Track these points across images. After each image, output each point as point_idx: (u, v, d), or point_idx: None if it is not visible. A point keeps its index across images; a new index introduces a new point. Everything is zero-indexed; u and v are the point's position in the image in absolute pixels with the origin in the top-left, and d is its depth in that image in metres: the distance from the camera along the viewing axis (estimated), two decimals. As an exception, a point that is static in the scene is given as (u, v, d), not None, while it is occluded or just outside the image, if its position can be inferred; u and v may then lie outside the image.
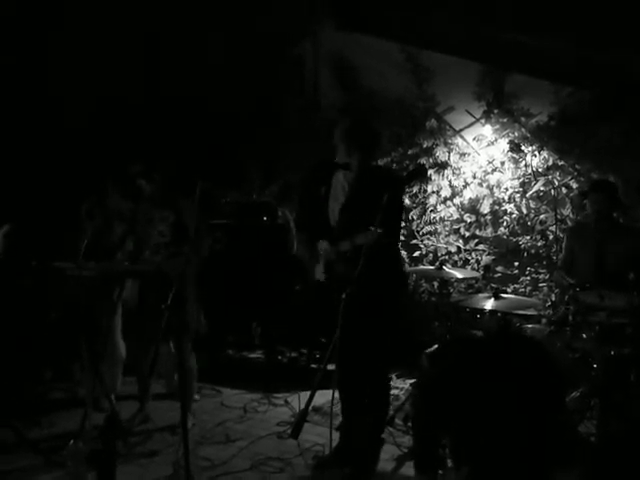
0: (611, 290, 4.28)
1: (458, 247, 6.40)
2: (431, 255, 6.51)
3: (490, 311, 4.51)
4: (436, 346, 5.31)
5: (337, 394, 4.09)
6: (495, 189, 6.24)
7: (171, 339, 4.50)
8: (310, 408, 4.53)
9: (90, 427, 4.37)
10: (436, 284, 6.33)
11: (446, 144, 6.44)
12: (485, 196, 6.26)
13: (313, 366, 6.05)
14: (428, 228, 6.54)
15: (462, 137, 6.43)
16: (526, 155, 6.04)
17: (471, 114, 6.33)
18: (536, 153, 5.99)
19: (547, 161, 5.97)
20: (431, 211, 6.51)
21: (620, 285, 4.43)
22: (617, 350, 4.20)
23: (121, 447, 4.38)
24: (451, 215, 6.44)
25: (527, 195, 6.08)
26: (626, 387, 4.25)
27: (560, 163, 5.93)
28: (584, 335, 4.30)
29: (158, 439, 4.62)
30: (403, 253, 6.60)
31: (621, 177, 5.49)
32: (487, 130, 6.25)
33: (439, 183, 6.42)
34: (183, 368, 3.41)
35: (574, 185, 5.90)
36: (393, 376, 6.13)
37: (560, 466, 3.86)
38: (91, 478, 3.68)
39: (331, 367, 3.95)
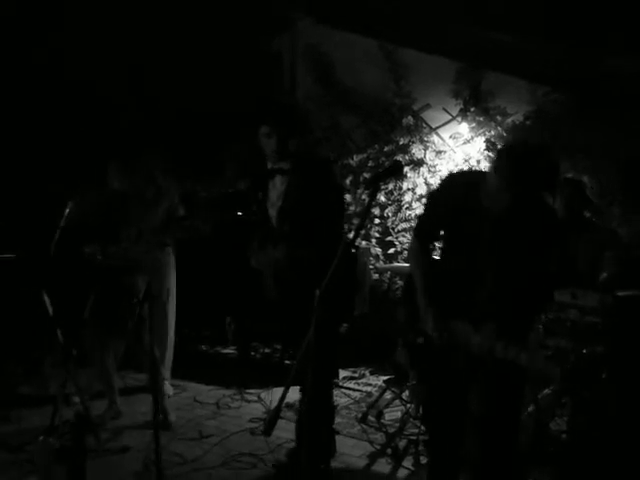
0: (583, 289, 4.30)
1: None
2: (406, 252, 6.49)
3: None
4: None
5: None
6: (471, 187, 6.24)
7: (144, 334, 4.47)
8: (283, 404, 4.55)
9: (60, 423, 4.32)
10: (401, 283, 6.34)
11: (422, 142, 6.44)
12: (461, 194, 6.26)
13: (287, 362, 6.03)
14: (403, 225, 6.53)
15: (438, 135, 6.43)
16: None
17: (448, 112, 6.34)
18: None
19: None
20: (406, 208, 6.50)
21: (592, 283, 4.46)
22: (589, 348, 4.22)
23: (92, 443, 4.36)
24: (426, 213, 6.43)
25: (503, 194, 6.07)
26: (598, 385, 4.27)
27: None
28: (556, 333, 4.32)
29: (130, 434, 4.58)
30: (378, 250, 6.61)
31: (596, 178, 5.52)
32: (463, 128, 6.26)
33: (415, 180, 6.42)
34: (154, 363, 3.38)
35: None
36: (366, 372, 6.17)
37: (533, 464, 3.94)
38: (61, 474, 3.63)
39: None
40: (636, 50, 5.16)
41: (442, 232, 3.20)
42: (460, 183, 3.06)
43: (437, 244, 3.69)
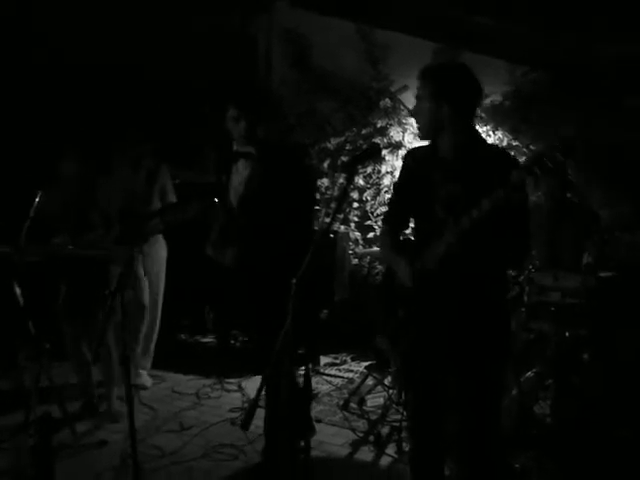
0: (566, 271, 4.27)
1: (412, 228, 6.33)
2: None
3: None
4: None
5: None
6: (450, 169, 6.18)
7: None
8: (262, 394, 4.48)
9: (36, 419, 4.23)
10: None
11: (400, 124, 6.36)
12: (440, 177, 6.20)
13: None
14: (382, 209, 6.45)
15: (416, 117, 6.34)
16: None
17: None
18: (490, 133, 5.95)
19: (502, 141, 5.94)
20: (385, 192, 6.42)
21: (575, 266, 4.42)
22: (572, 331, 4.19)
23: (69, 438, 4.28)
24: (406, 196, 6.37)
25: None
26: (580, 367, 4.25)
27: (514, 143, 5.91)
28: (539, 316, 4.29)
29: (108, 428, 4.49)
30: (357, 235, 6.54)
31: (575, 159, 5.48)
32: (442, 110, 6.17)
33: (393, 164, 6.34)
34: (125, 354, 3.29)
35: (528, 166, 5.86)
36: (348, 358, 6.11)
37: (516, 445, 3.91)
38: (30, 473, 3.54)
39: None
40: (615, 35, 5.12)
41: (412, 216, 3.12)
42: (416, 153, 2.99)
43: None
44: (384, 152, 6.28)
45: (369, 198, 6.51)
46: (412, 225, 3.16)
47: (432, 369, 2.89)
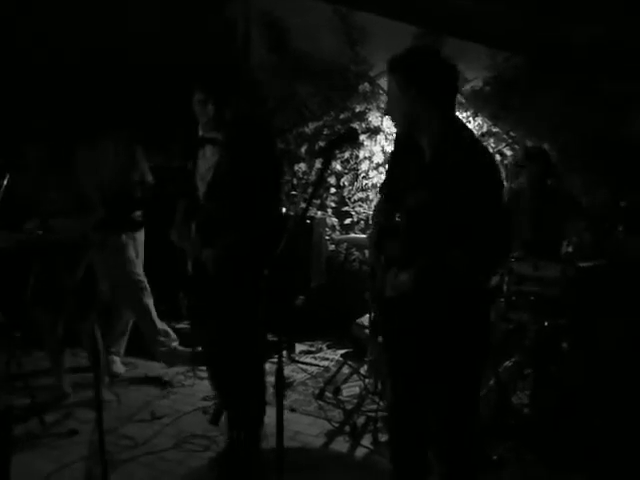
0: (546, 260, 4.22)
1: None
2: (363, 222, 6.35)
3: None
4: (367, 316, 5.21)
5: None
6: (429, 155, 6.11)
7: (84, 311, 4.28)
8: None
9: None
10: (367, 252, 6.19)
11: (379, 109, 6.26)
12: (418, 162, 6.12)
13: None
14: (360, 195, 6.38)
15: (396, 102, 6.25)
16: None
17: (405, 78, 6.15)
18: (470, 119, 5.88)
19: (481, 127, 5.87)
20: (363, 177, 6.34)
21: (555, 254, 4.37)
22: (551, 320, 4.14)
23: (38, 427, 4.17)
24: (383, 181, 6.28)
25: (460, 162, 5.96)
26: (559, 357, 4.21)
27: (495, 130, 5.85)
28: (519, 306, 4.24)
29: (79, 417, 4.39)
30: (334, 220, 6.46)
31: (555, 145, 5.45)
32: (421, 95, 6.09)
33: (372, 149, 6.26)
34: (94, 340, 3.21)
35: (508, 152, 5.82)
36: (324, 346, 6.04)
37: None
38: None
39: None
40: (591, 17, 5.06)
41: None
42: (401, 139, 2.90)
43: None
44: (362, 137, 6.19)
45: (346, 184, 6.41)
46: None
47: (410, 362, 2.81)
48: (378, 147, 6.22)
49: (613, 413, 3.98)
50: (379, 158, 6.22)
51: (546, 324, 4.11)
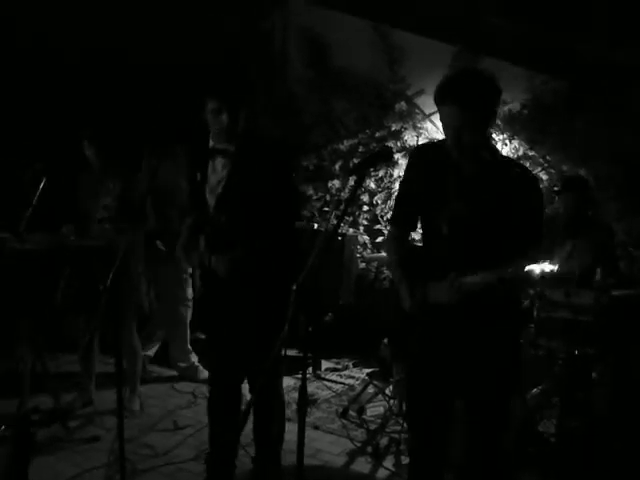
0: (578, 287, 4.16)
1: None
2: (394, 242, 6.32)
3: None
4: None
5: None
6: (464, 177, 6.06)
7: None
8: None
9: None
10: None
11: (415, 128, 6.25)
12: (453, 183, 6.08)
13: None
14: (393, 214, 6.35)
15: (432, 122, 6.23)
16: (497, 143, 5.85)
17: (442, 98, 6.12)
18: (507, 142, 5.82)
19: (517, 151, 5.81)
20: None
21: (587, 282, 4.31)
22: (581, 349, 4.07)
23: (61, 431, 4.19)
24: (417, 201, 6.25)
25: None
26: (588, 386, 4.13)
27: (531, 153, 5.78)
28: (549, 332, 4.17)
29: (100, 424, 4.40)
30: (365, 238, 6.44)
31: (592, 171, 5.37)
32: (458, 115, 6.05)
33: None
34: (119, 349, 3.21)
35: (544, 177, 5.75)
36: (350, 364, 6.00)
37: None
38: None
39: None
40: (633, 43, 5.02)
41: (419, 216, 3.00)
42: (424, 150, 2.89)
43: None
44: (397, 156, 6.17)
45: (379, 202, 6.40)
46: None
47: (439, 388, 2.79)
48: (414, 167, 6.18)
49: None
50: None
51: (576, 352, 4.04)
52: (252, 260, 3.27)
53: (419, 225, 2.98)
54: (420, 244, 3.01)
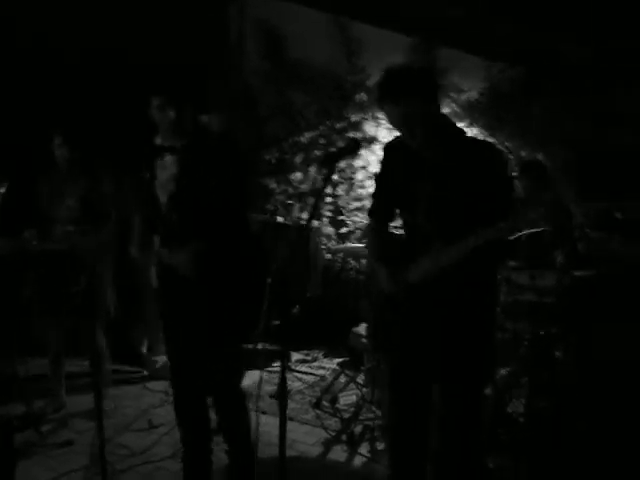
0: (543, 270, 4.25)
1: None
2: (359, 232, 6.38)
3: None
4: (364, 325, 5.22)
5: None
6: (425, 165, 6.14)
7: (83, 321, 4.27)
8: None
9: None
10: (364, 261, 6.21)
11: (375, 118, 6.31)
12: (415, 172, 6.15)
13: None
14: (356, 204, 6.41)
15: (391, 112, 6.28)
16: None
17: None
18: (466, 129, 5.89)
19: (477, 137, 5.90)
20: (359, 187, 6.37)
21: (550, 264, 4.41)
22: (547, 329, 4.17)
23: (34, 436, 4.17)
24: (379, 191, 6.31)
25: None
26: (553, 366, 4.24)
27: (490, 140, 5.87)
28: (515, 315, 4.26)
29: (74, 427, 4.39)
30: (330, 230, 6.48)
31: (549, 156, 5.49)
32: (417, 105, 6.12)
33: (367, 158, 6.30)
34: (96, 351, 3.21)
35: (503, 163, 5.85)
36: (320, 355, 6.05)
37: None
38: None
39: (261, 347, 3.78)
40: (586, 33, 5.12)
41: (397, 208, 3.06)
42: (394, 145, 2.94)
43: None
44: (358, 146, 6.22)
45: (342, 193, 6.45)
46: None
47: (418, 372, 2.84)
48: (374, 157, 6.25)
49: (607, 420, 4.01)
50: (375, 168, 6.25)
51: (541, 333, 4.14)
52: (210, 255, 3.26)
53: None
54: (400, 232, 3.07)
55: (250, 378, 4.40)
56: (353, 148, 2.71)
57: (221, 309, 3.30)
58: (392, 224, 3.14)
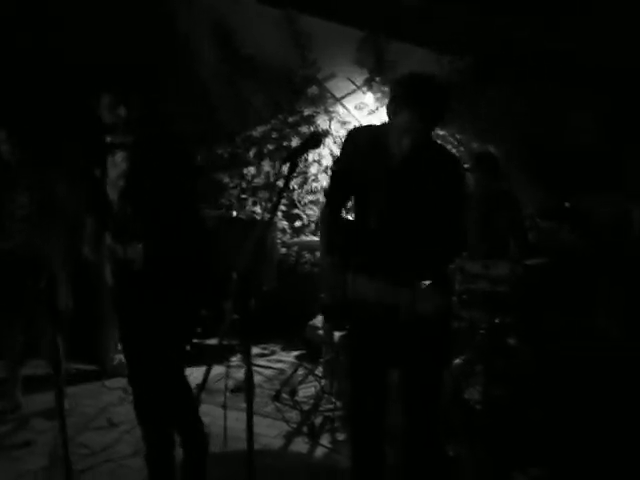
0: (495, 259, 4.35)
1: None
2: (313, 225, 6.42)
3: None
4: (320, 317, 5.27)
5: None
6: (377, 158, 6.19)
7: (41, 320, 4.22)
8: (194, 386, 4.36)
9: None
10: (319, 254, 6.25)
11: (327, 112, 6.34)
12: (367, 165, 6.20)
13: (195, 341, 5.85)
14: (310, 197, 6.44)
15: (343, 105, 6.34)
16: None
17: (352, 82, 6.24)
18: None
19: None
20: (313, 180, 6.41)
21: (503, 254, 4.51)
22: (500, 318, 4.27)
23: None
24: (333, 184, 6.35)
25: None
26: (508, 354, 4.34)
27: (441, 132, 5.95)
28: (470, 304, 4.35)
29: (32, 427, 4.33)
30: (284, 224, 6.50)
31: (501, 147, 5.59)
32: (369, 98, 6.19)
33: (320, 152, 6.31)
34: (55, 350, 3.17)
35: (455, 154, 5.94)
36: (277, 349, 6.07)
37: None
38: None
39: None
40: (540, 23, 5.21)
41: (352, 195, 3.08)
42: (362, 135, 2.96)
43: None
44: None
45: (296, 187, 6.47)
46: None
47: (378, 359, 2.89)
48: (327, 150, 6.29)
49: (560, 406, 4.12)
50: (328, 161, 6.29)
51: (497, 321, 4.24)
52: (162, 250, 3.26)
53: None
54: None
55: (209, 373, 4.40)
56: (316, 142, 2.73)
57: (173, 304, 3.29)
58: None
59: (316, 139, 2.73)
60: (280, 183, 6.30)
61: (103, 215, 3.42)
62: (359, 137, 2.99)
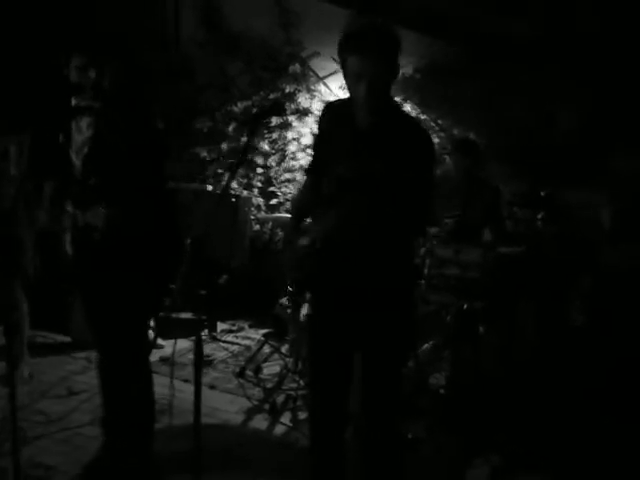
0: (468, 245, 4.31)
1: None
2: (289, 203, 6.36)
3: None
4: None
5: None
6: (357, 139, 6.14)
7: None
8: (157, 358, 4.32)
9: None
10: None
11: (309, 90, 6.28)
12: (347, 146, 6.15)
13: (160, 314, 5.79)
14: (287, 176, 6.39)
15: (326, 85, 6.28)
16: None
17: (337, 61, 6.11)
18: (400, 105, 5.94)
19: (409, 114, 5.92)
20: (291, 158, 6.35)
21: (476, 240, 4.48)
22: (469, 303, 4.24)
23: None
24: (311, 163, 6.30)
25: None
26: (476, 341, 4.32)
27: (423, 117, 5.91)
28: (439, 288, 4.32)
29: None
30: (260, 200, 6.44)
31: (482, 134, 5.55)
32: (352, 79, 6.11)
33: (300, 130, 6.27)
34: (9, 316, 3.10)
35: (435, 140, 5.90)
36: (246, 326, 6.03)
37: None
38: None
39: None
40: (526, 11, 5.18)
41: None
42: (335, 107, 2.90)
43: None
44: (291, 118, 6.19)
45: (274, 164, 6.41)
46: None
47: (340, 340, 2.84)
48: (307, 129, 6.23)
49: (526, 393, 4.12)
50: (307, 140, 6.24)
51: (465, 307, 4.21)
52: (125, 219, 3.18)
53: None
54: None
55: (172, 347, 4.35)
56: (279, 109, 2.67)
57: (133, 275, 3.21)
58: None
59: (278, 107, 2.67)
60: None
61: (64, 182, 3.33)
62: (333, 109, 2.93)
